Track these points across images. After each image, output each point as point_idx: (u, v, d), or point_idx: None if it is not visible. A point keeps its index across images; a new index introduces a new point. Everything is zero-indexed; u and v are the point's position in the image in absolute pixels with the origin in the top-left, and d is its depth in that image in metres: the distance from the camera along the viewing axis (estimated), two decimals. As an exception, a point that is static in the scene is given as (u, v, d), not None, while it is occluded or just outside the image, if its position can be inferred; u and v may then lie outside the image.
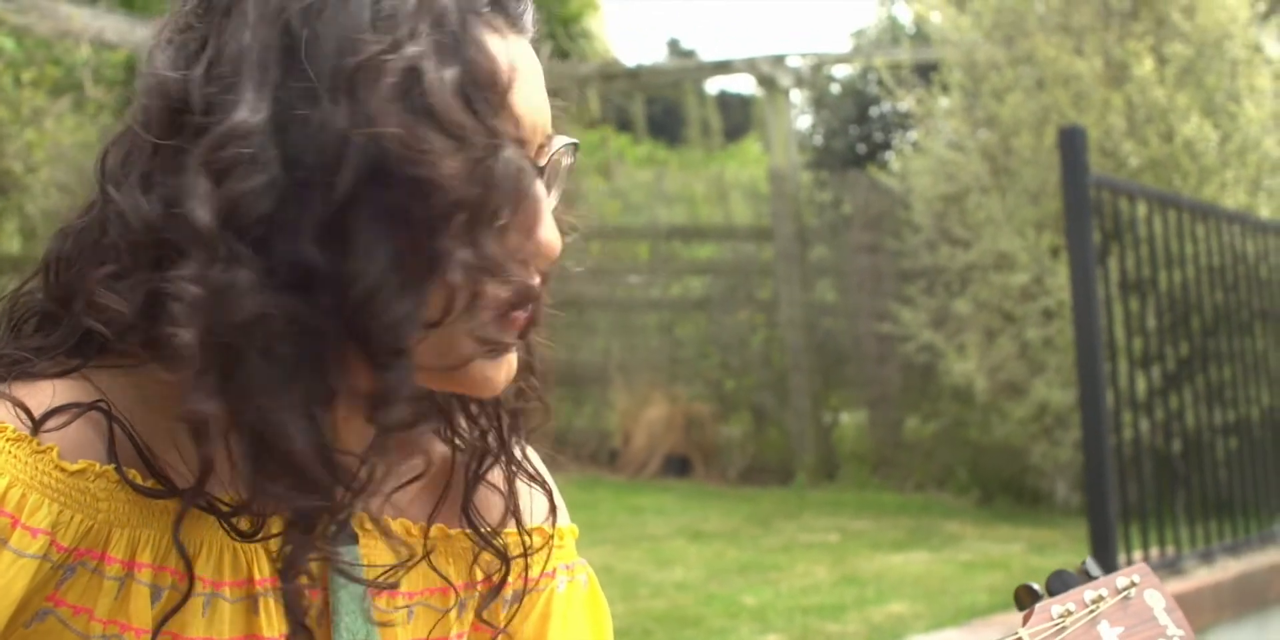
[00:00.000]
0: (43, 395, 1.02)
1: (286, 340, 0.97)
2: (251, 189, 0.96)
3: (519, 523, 1.21)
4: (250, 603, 1.08)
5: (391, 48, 0.97)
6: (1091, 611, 1.19)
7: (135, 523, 1.03)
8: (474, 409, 1.18)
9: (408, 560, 1.13)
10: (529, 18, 1.08)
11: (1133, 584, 1.22)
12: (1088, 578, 1.21)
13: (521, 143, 1.02)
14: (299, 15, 0.98)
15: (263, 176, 0.96)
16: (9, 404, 1.02)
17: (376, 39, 0.97)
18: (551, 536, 1.23)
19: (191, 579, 1.03)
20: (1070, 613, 1.18)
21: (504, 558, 1.20)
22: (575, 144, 1.11)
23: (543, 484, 1.23)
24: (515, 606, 1.22)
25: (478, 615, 1.20)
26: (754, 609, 5.71)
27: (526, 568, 1.22)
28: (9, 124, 6.17)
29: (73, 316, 1.05)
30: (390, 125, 0.95)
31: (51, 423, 1.01)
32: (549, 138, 1.08)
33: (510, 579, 1.21)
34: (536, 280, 1.06)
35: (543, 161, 1.06)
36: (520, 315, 1.05)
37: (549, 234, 1.05)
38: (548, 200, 1.06)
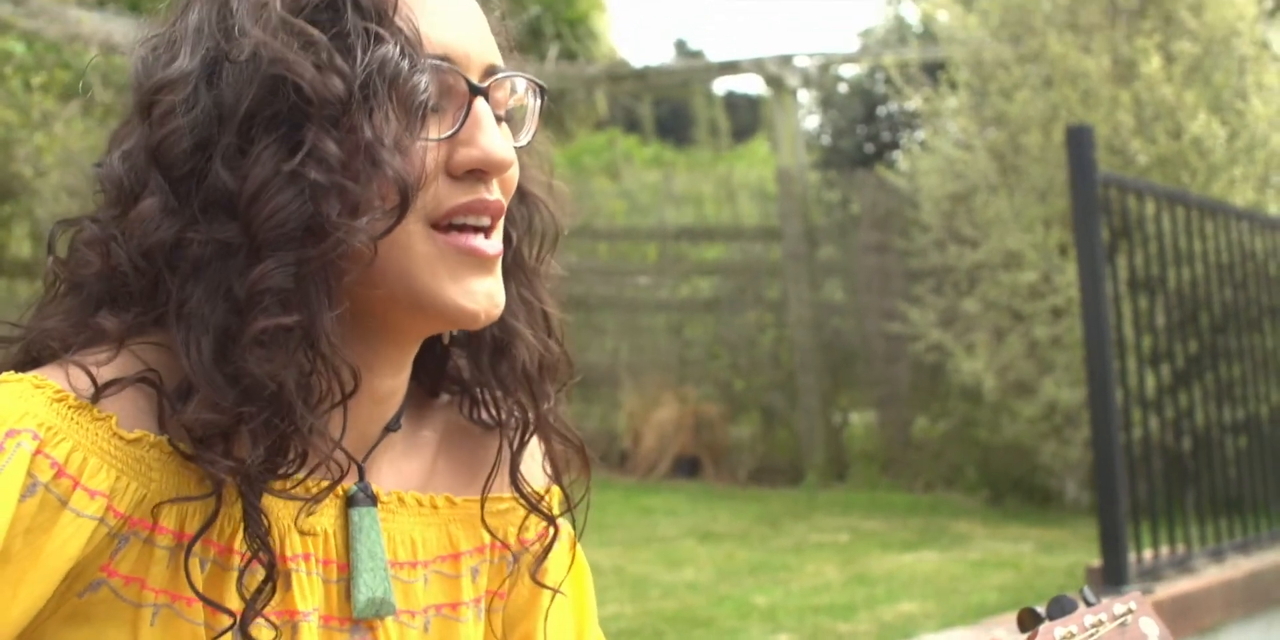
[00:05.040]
0: (102, 366, 1.06)
1: (207, 261, 1.03)
2: (174, 129, 1.05)
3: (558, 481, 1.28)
4: (284, 577, 1.11)
5: None
6: (1092, 634, 1.23)
7: (184, 494, 1.06)
8: (500, 380, 1.23)
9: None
10: None
11: (1129, 611, 1.27)
12: (1086, 603, 1.25)
13: (408, 51, 1.06)
14: None
15: (185, 118, 1.05)
16: (73, 371, 1.05)
17: None
18: (566, 497, 1.27)
19: (273, 558, 1.07)
20: (1073, 635, 1.23)
21: (550, 519, 1.25)
22: (539, 84, 1.17)
23: (576, 443, 1.26)
24: (515, 566, 1.26)
25: (532, 577, 1.25)
26: (765, 609, 5.71)
27: (521, 529, 1.26)
28: (19, 128, 6.18)
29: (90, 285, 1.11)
30: (263, 40, 1.03)
31: (109, 391, 1.05)
32: (492, 68, 1.13)
33: (510, 541, 1.25)
34: (493, 194, 1.11)
35: (479, 81, 1.11)
36: (477, 246, 1.09)
37: (489, 141, 1.09)
38: (487, 114, 1.11)
